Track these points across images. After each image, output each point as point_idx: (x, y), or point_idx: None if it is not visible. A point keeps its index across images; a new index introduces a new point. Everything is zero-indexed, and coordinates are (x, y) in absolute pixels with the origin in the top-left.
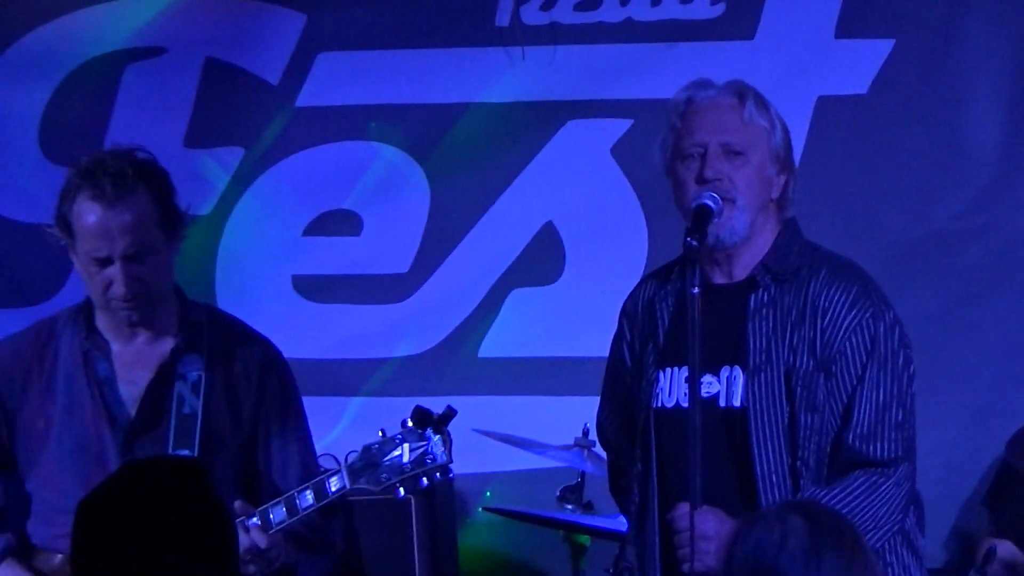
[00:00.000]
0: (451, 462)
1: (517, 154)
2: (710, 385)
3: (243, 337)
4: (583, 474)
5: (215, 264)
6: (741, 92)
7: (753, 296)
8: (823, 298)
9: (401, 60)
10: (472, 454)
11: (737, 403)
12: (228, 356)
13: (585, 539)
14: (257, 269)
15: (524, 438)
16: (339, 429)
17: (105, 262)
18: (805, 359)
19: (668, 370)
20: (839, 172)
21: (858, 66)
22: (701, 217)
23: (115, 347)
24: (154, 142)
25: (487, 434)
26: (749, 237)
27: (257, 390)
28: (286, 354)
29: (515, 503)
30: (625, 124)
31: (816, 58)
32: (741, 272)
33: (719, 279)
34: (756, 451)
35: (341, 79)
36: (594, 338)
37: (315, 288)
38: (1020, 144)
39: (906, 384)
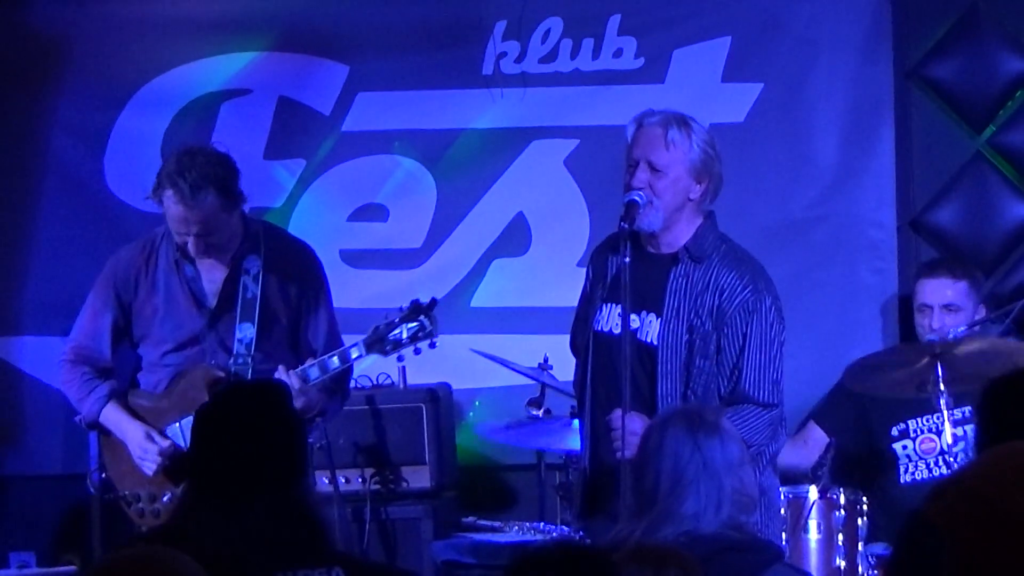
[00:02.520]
0: (436, 335)
1: (497, 164)
2: (634, 321)
3: (290, 243)
4: (543, 388)
5: None
6: (667, 121)
7: (674, 268)
8: (724, 279)
9: (416, 98)
10: (466, 374)
11: (649, 340)
12: (279, 256)
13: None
14: (315, 245)
15: (504, 359)
16: (372, 358)
17: (184, 235)
18: (703, 320)
19: (608, 305)
20: (726, 175)
21: (738, 102)
22: (629, 208)
23: (196, 259)
24: (241, 155)
25: (480, 353)
26: (668, 227)
27: (299, 280)
28: (337, 305)
29: (497, 411)
30: (574, 143)
31: (708, 96)
32: (667, 248)
33: (651, 249)
34: (660, 378)
35: (374, 111)
36: (552, 293)
37: (356, 258)
38: (850, 156)
39: (777, 349)
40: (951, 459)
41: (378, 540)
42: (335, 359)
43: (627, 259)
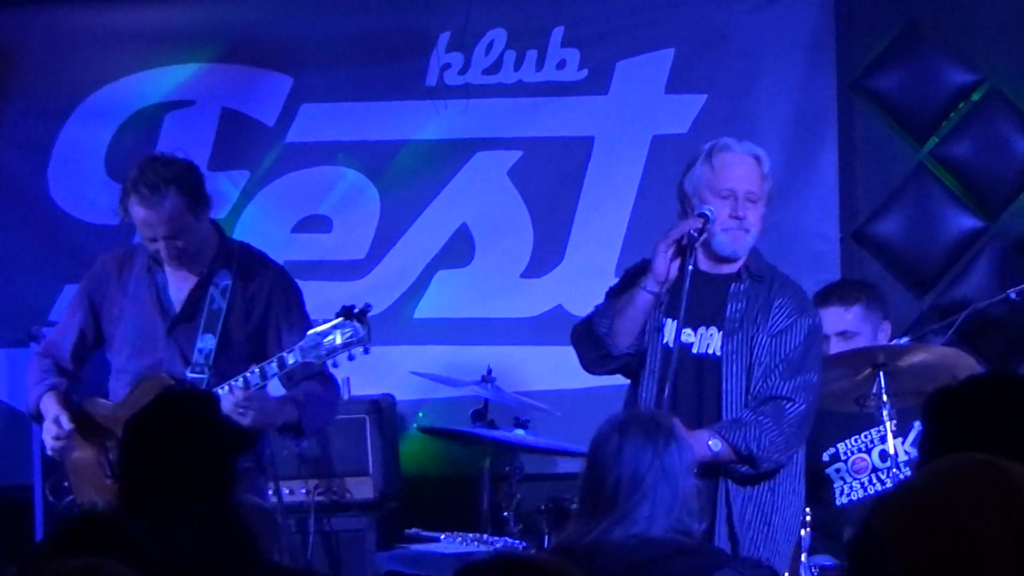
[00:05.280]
0: (369, 341)
1: (441, 175)
2: (688, 336)
3: (265, 265)
4: (486, 402)
5: None
6: (756, 153)
7: (734, 284)
8: (779, 298)
9: (360, 110)
10: (410, 386)
11: (711, 352)
12: (251, 276)
13: (489, 445)
14: None
15: (446, 376)
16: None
17: (153, 240)
18: (760, 333)
19: (671, 320)
20: (670, 186)
21: (682, 113)
22: (705, 223)
23: (168, 268)
24: None
25: (420, 375)
26: (740, 255)
27: (267, 299)
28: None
29: (440, 422)
30: (517, 154)
31: (652, 107)
32: (726, 269)
33: (707, 269)
34: (725, 384)
35: (318, 123)
36: (495, 305)
37: (300, 270)
38: (793, 168)
39: (817, 357)
40: (883, 475)
41: (322, 551)
42: (273, 364)
43: (690, 265)
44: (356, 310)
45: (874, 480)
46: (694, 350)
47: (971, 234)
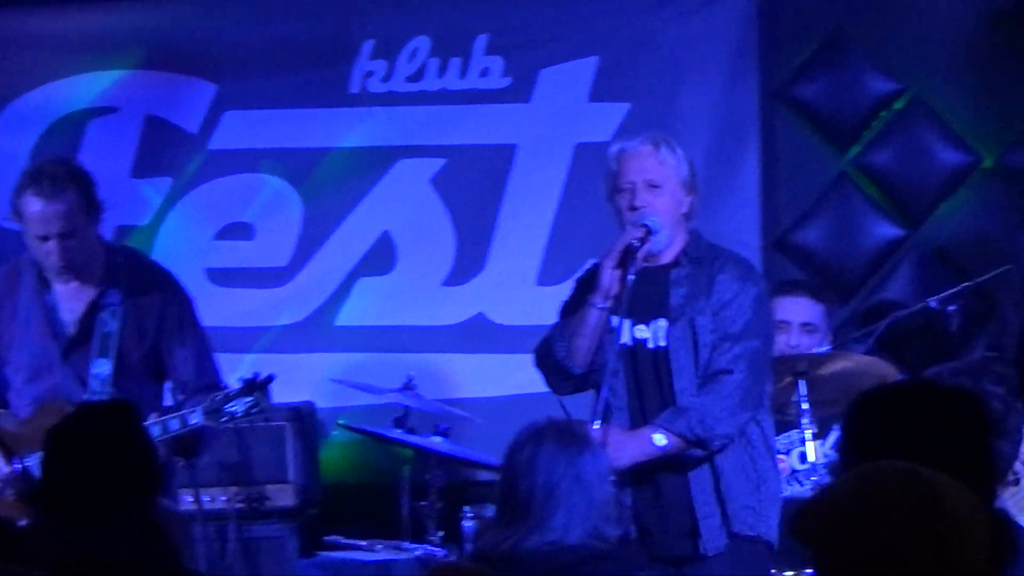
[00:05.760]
0: (271, 410)
1: (363, 183)
2: (641, 331)
3: (153, 274)
4: (407, 409)
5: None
6: (654, 140)
7: (674, 271)
8: (719, 277)
9: (284, 117)
10: (331, 393)
11: (662, 344)
12: (140, 290)
13: (408, 452)
14: (181, 264)
15: (367, 384)
16: (236, 377)
17: (44, 239)
18: (702, 313)
19: (622, 320)
20: (592, 194)
21: (605, 121)
22: (647, 232)
23: (57, 287)
24: (108, 173)
25: (341, 382)
26: (668, 244)
27: (161, 312)
28: (203, 323)
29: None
30: (441, 162)
31: (575, 115)
32: (664, 260)
33: (648, 264)
34: (675, 375)
35: (241, 130)
36: (417, 312)
37: (222, 277)
38: (716, 176)
39: (762, 323)
40: (802, 477)
41: (242, 559)
42: (175, 422)
43: (631, 276)
44: (259, 380)
45: (792, 482)
46: (649, 345)
47: (892, 243)
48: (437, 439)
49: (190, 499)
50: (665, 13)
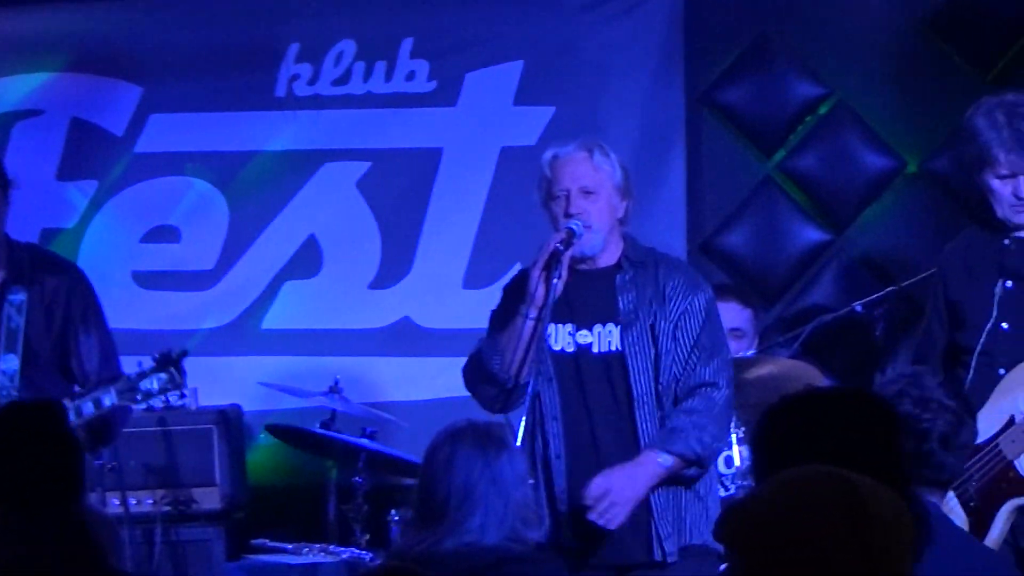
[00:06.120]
0: (184, 387)
1: (289, 186)
2: (584, 336)
3: (55, 266)
4: (334, 412)
5: (76, 263)
6: (587, 146)
7: (619, 275)
8: (668, 280)
9: (209, 120)
10: (258, 396)
11: (613, 349)
12: (43, 282)
13: (335, 455)
14: (107, 266)
15: (293, 387)
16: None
17: None
18: (658, 318)
19: (556, 326)
20: (517, 198)
21: (530, 125)
22: (569, 237)
23: None
24: (34, 175)
25: (268, 385)
26: (604, 247)
27: (66, 305)
28: (128, 326)
29: (287, 434)
30: (366, 165)
31: (500, 119)
32: (603, 264)
33: (587, 267)
34: (632, 377)
35: (167, 133)
36: (343, 316)
37: (148, 280)
38: (641, 180)
39: (722, 338)
40: (728, 481)
41: (169, 562)
42: (89, 404)
43: (556, 280)
44: (173, 355)
45: (718, 487)
46: (594, 350)
47: (817, 247)
48: (366, 442)
49: (116, 502)
50: (590, 17)
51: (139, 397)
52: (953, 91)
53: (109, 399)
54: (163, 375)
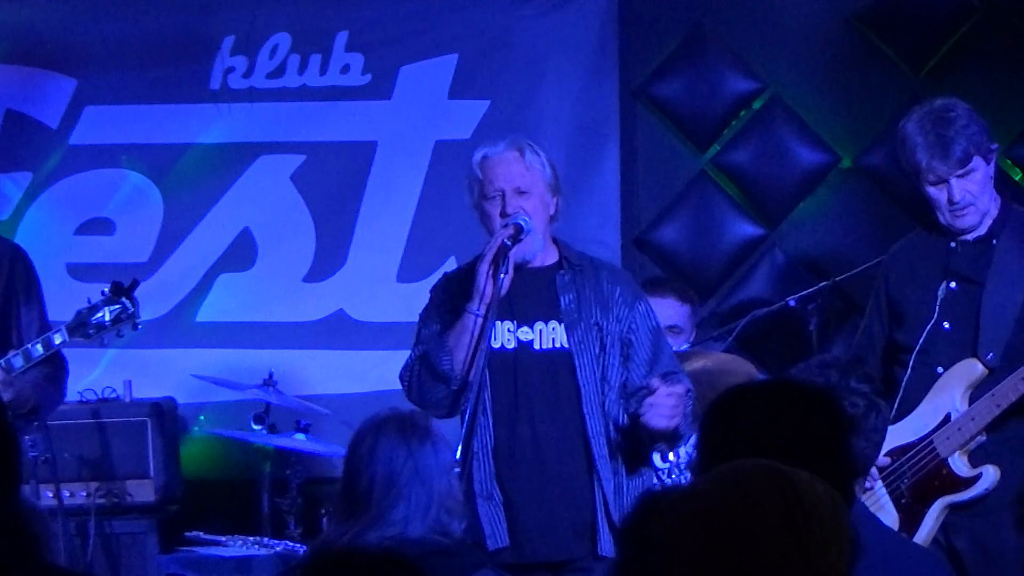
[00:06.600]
0: (138, 317)
1: (224, 179)
2: (526, 333)
3: None
4: (268, 405)
5: None
6: (517, 146)
7: (559, 275)
8: (608, 283)
9: (144, 112)
10: (192, 388)
11: (558, 346)
12: None
13: (270, 449)
14: (42, 259)
15: (227, 380)
16: (97, 372)
17: None
18: (599, 318)
19: (501, 323)
20: (452, 191)
21: (465, 119)
22: (517, 232)
23: None
24: None
25: (202, 378)
26: (542, 246)
27: (8, 276)
28: (63, 319)
29: (221, 426)
30: (300, 158)
31: (435, 113)
32: (541, 263)
33: (526, 265)
34: (580, 374)
35: (101, 125)
36: (277, 308)
37: (82, 272)
38: (575, 174)
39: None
40: (664, 476)
41: (103, 554)
42: (39, 346)
43: (503, 276)
44: (125, 285)
45: (655, 480)
46: (536, 346)
47: (751, 241)
48: (300, 436)
49: (50, 494)
50: (524, 11)
51: (91, 331)
52: (887, 86)
53: (59, 337)
54: (115, 306)
